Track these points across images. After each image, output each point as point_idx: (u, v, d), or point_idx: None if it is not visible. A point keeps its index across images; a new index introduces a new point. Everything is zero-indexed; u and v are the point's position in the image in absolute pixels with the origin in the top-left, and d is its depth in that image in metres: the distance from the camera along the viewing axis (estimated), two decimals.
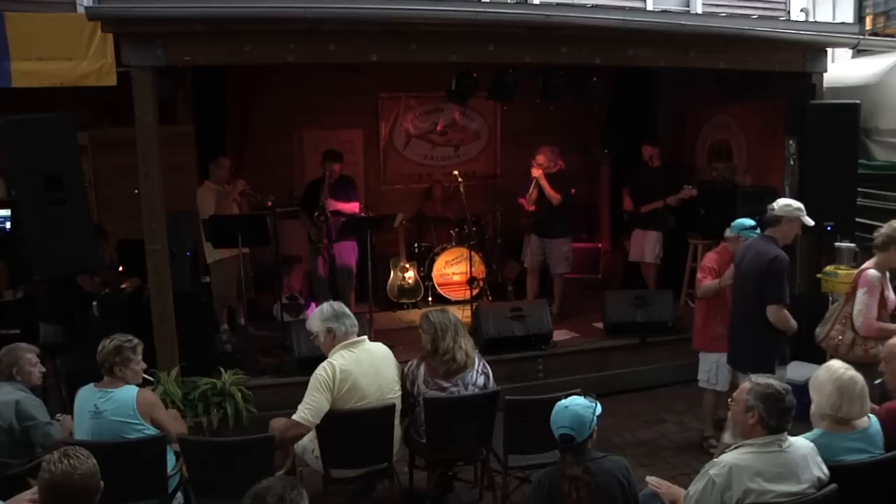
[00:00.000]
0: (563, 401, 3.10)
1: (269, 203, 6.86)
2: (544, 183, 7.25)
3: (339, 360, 4.04)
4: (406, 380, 4.35)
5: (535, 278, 7.75)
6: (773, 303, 4.62)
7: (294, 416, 3.95)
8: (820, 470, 3.08)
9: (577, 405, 3.04)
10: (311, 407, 3.93)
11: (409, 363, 4.41)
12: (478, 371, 4.41)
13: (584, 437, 3.01)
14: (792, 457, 3.03)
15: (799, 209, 4.74)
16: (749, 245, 4.89)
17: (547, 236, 7.51)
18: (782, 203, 4.79)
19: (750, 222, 5.09)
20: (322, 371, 4.00)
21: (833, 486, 3.05)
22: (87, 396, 3.94)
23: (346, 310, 4.21)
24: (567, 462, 2.98)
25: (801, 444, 3.12)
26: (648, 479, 3.46)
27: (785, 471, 2.99)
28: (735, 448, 3.09)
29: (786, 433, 3.06)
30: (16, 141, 4.73)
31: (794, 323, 4.71)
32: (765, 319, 4.66)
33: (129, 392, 3.94)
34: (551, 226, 7.47)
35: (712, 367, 5.37)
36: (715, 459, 3.09)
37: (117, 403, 3.88)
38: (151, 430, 3.93)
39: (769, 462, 2.99)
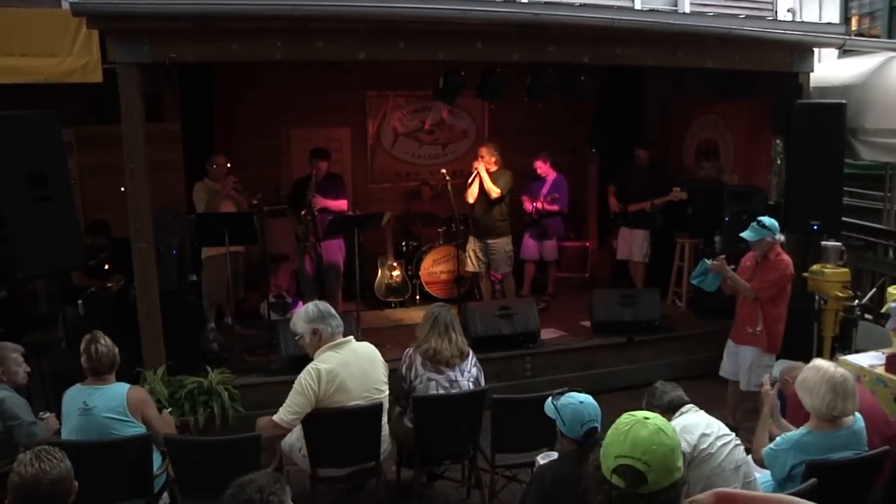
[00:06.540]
0: (571, 398, 3.02)
1: (255, 201, 6.84)
2: (484, 174, 7.13)
3: (324, 362, 4.01)
4: (403, 364, 4.42)
5: (487, 280, 7.65)
6: None
7: (274, 417, 3.95)
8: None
9: (587, 398, 3.02)
10: (291, 409, 3.93)
11: (407, 350, 4.50)
12: (472, 362, 4.49)
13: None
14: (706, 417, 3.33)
15: None
16: None
17: (486, 236, 7.39)
18: None
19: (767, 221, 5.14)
20: (307, 375, 3.96)
21: (813, 480, 3.10)
22: (74, 395, 3.91)
23: (332, 310, 4.18)
24: (593, 459, 2.54)
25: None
26: None
27: (714, 427, 3.24)
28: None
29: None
30: None
31: None
32: None
33: (119, 389, 3.93)
34: (490, 225, 7.34)
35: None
36: None
37: (108, 399, 3.86)
38: (140, 428, 3.90)
39: (699, 418, 3.28)
